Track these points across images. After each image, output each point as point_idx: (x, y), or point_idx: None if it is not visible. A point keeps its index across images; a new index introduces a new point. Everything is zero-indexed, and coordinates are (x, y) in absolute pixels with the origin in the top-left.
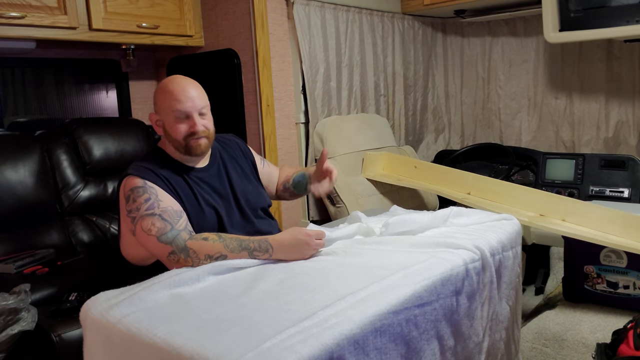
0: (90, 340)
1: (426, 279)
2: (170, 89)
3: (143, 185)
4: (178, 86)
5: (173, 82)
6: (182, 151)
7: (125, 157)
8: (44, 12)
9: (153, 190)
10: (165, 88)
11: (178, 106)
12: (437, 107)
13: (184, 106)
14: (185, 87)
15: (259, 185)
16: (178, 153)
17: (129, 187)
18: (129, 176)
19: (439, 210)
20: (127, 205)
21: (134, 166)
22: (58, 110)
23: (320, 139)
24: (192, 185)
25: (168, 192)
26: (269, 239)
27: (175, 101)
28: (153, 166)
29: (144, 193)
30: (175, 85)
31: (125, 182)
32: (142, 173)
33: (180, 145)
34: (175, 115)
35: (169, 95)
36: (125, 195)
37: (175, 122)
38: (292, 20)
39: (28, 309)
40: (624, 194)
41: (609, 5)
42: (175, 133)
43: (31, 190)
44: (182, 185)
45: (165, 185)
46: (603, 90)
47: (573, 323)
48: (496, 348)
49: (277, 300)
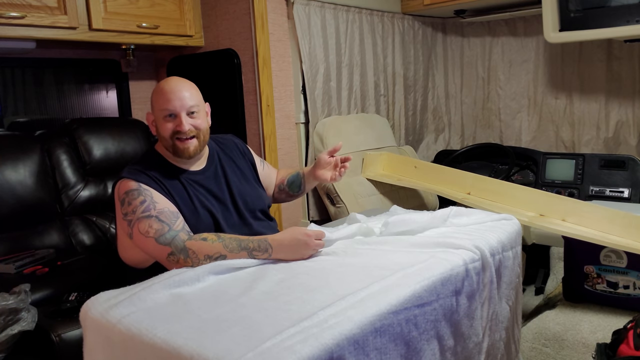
0: (90, 340)
1: (426, 279)
2: (162, 89)
3: (137, 187)
4: (169, 86)
5: (167, 82)
6: (171, 151)
7: (125, 157)
8: (44, 12)
9: (148, 193)
10: (158, 88)
11: (166, 105)
12: (437, 107)
13: (172, 105)
14: (176, 86)
15: (258, 187)
16: (168, 155)
17: (124, 190)
18: (122, 179)
19: (439, 210)
20: (123, 208)
21: (127, 169)
22: (58, 110)
23: (320, 139)
24: (188, 188)
25: (163, 194)
26: (269, 239)
27: (165, 100)
28: (147, 169)
29: (139, 195)
30: (167, 85)
31: (120, 185)
32: (136, 176)
33: (169, 145)
34: (163, 114)
35: (161, 95)
36: (120, 199)
37: (164, 121)
38: (292, 20)
39: (28, 309)
40: (624, 194)
41: (609, 5)
42: (164, 132)
43: (31, 190)
44: (177, 188)
45: (159, 187)
46: (603, 90)
47: (573, 323)
48: (496, 348)
49: (277, 300)
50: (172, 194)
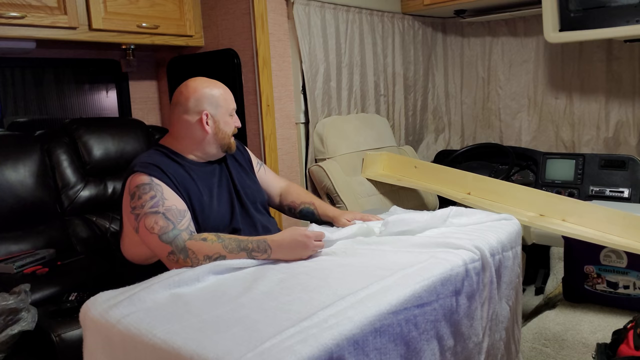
0: (90, 340)
1: (426, 279)
2: (223, 88)
3: (150, 182)
4: (222, 87)
5: (216, 82)
6: (225, 147)
7: (125, 157)
8: (44, 12)
9: (159, 188)
10: (214, 88)
11: (232, 104)
12: (437, 107)
13: (234, 104)
14: (225, 87)
15: (257, 181)
16: (204, 149)
17: (135, 184)
18: (135, 173)
19: (439, 210)
20: (132, 202)
21: (140, 163)
22: (58, 110)
23: (320, 139)
24: (197, 181)
25: (174, 190)
26: (268, 240)
27: (231, 100)
28: (160, 162)
29: (149, 190)
30: (221, 87)
31: (132, 179)
32: (149, 170)
33: (228, 141)
34: (230, 112)
35: (226, 95)
36: (131, 192)
37: (231, 119)
38: (292, 20)
39: (28, 309)
40: (624, 194)
41: (609, 5)
42: (229, 128)
43: (31, 190)
44: (188, 181)
45: (171, 182)
46: (603, 90)
47: (573, 323)
48: (496, 348)
49: (277, 300)
50: (186, 186)
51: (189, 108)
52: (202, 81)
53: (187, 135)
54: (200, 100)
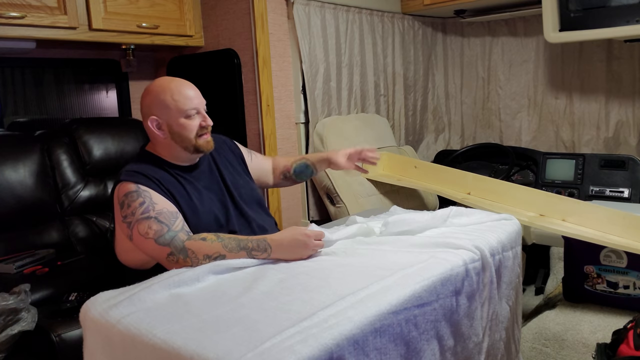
0: (90, 340)
1: (426, 279)
2: (173, 88)
3: (136, 189)
4: (182, 85)
5: (172, 82)
6: (192, 150)
7: (125, 157)
8: (44, 12)
9: (147, 194)
10: (166, 89)
11: (190, 104)
12: (437, 107)
13: (195, 102)
14: (188, 85)
15: (250, 180)
16: (174, 154)
17: (123, 192)
18: (121, 182)
19: (439, 210)
20: (122, 211)
21: (125, 172)
22: (58, 110)
23: (320, 139)
24: (185, 185)
25: (162, 194)
26: (268, 239)
27: (188, 99)
28: (144, 169)
29: (137, 197)
30: (179, 85)
31: (119, 188)
32: (135, 178)
33: (191, 144)
34: (188, 113)
35: (177, 94)
36: (120, 202)
37: (189, 120)
38: (292, 20)
39: (28, 309)
40: (624, 194)
41: (609, 5)
42: (188, 131)
43: (31, 190)
44: (175, 186)
45: (158, 187)
46: (603, 90)
47: (573, 323)
48: (496, 348)
49: (277, 300)
50: (172, 192)
51: (144, 113)
52: (158, 84)
53: (153, 140)
54: (150, 105)
